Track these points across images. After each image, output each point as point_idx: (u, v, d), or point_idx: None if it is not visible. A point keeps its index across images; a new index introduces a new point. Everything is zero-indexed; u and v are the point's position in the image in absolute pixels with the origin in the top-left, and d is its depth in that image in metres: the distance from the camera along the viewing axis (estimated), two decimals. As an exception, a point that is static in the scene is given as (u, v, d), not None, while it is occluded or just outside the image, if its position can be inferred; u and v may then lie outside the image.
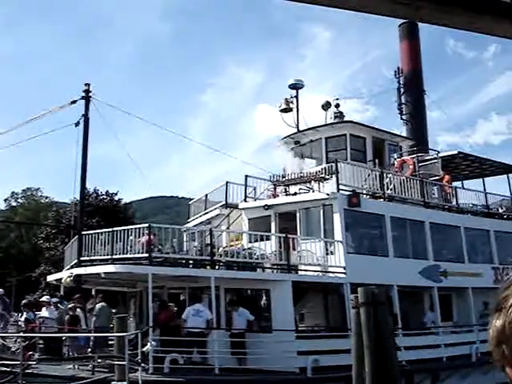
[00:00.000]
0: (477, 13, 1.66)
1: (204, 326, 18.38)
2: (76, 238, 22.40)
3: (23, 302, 22.70)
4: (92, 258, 20.93)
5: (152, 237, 19.63)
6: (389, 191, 23.85)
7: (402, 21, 32.96)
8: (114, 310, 24.46)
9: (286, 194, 24.48)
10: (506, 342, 1.19)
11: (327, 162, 24.90)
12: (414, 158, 26.98)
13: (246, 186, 25.67)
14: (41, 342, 18.95)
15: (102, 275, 19.46)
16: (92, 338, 19.02)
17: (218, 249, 21.46)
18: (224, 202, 25.63)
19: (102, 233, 20.80)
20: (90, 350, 18.83)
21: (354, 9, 1.57)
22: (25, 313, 20.90)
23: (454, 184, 28.53)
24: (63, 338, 19.63)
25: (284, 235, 20.93)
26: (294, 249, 21.16)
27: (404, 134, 32.87)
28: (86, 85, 23.06)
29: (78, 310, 20.10)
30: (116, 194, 54.46)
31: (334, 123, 26.98)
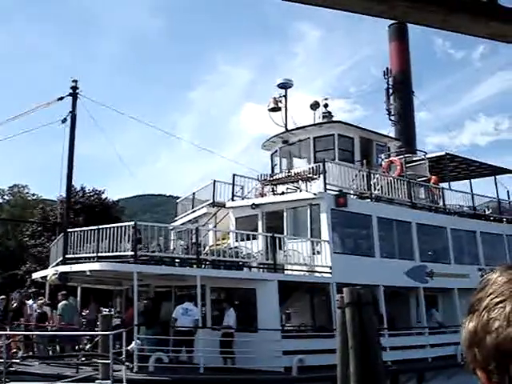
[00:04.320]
0: (452, 11, 1.64)
1: (192, 325, 18.34)
2: (62, 235, 22.27)
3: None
4: (77, 255, 20.83)
5: None
6: (376, 192, 23.90)
7: (391, 21, 33.07)
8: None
9: (274, 194, 24.47)
10: (478, 346, 1.18)
11: (315, 162, 24.89)
12: (401, 158, 27.07)
13: (233, 184, 25.62)
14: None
15: (88, 273, 19.39)
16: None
17: (205, 247, 21.43)
18: (211, 201, 25.57)
19: (87, 230, 20.68)
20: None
21: (328, 6, 1.54)
22: None
23: (441, 185, 28.60)
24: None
25: (271, 234, 20.93)
26: (280, 248, 21.13)
27: (392, 134, 32.94)
28: (73, 81, 22.90)
29: (46, 307, 20.07)
30: (103, 192, 54.22)
31: (322, 123, 26.98)
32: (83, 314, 23.87)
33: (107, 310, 27.37)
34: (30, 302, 21.53)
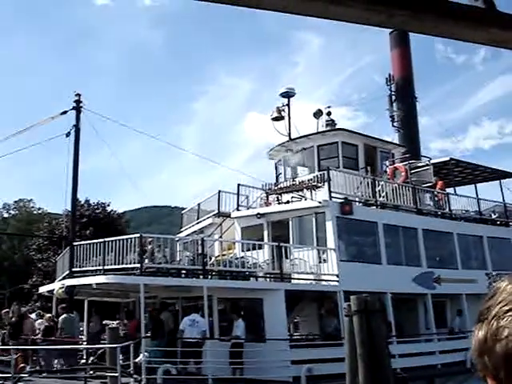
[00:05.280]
0: (451, 19, 1.64)
1: (200, 336, 18.28)
2: (68, 248, 22.28)
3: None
4: (84, 268, 20.83)
5: None
6: (381, 198, 23.87)
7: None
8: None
9: (279, 203, 24.45)
10: (488, 354, 1.17)
11: (319, 170, 24.87)
12: (406, 165, 27.01)
13: (238, 194, 25.64)
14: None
15: (94, 286, 19.39)
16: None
17: (211, 258, 21.41)
18: (216, 211, 25.58)
19: (93, 243, 20.70)
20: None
21: (328, 17, 1.54)
22: None
23: (447, 190, 28.55)
24: None
25: (277, 244, 20.89)
26: (286, 257, 21.11)
27: (396, 140, 32.94)
28: (76, 95, 22.98)
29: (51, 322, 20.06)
30: (109, 205, 54.33)
31: (325, 131, 26.98)
32: (91, 325, 23.79)
33: (111, 322, 27.34)
34: (33, 315, 21.53)
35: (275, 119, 28.64)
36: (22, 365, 17.60)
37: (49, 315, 20.41)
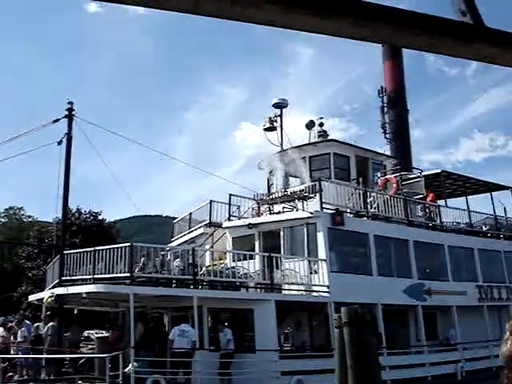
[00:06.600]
0: (438, 35, 1.63)
1: (189, 347, 18.18)
2: (58, 257, 22.13)
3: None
4: (74, 277, 20.70)
5: None
6: (372, 210, 23.90)
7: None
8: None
9: (270, 213, 24.45)
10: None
11: (311, 181, 24.89)
12: (397, 176, 27.08)
13: (230, 204, 25.63)
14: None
15: (84, 295, 19.26)
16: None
17: (202, 268, 21.35)
18: (208, 221, 25.53)
19: (83, 252, 20.58)
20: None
21: (314, 31, 1.53)
22: None
23: (438, 202, 28.62)
24: None
25: (268, 254, 20.86)
26: (277, 268, 21.08)
27: (387, 152, 33.02)
28: (69, 103, 22.86)
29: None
30: (100, 214, 54.12)
31: (318, 142, 27.05)
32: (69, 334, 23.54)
33: (90, 332, 27.16)
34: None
35: (267, 130, 28.73)
36: (10, 373, 17.47)
37: (37, 324, 20.20)
